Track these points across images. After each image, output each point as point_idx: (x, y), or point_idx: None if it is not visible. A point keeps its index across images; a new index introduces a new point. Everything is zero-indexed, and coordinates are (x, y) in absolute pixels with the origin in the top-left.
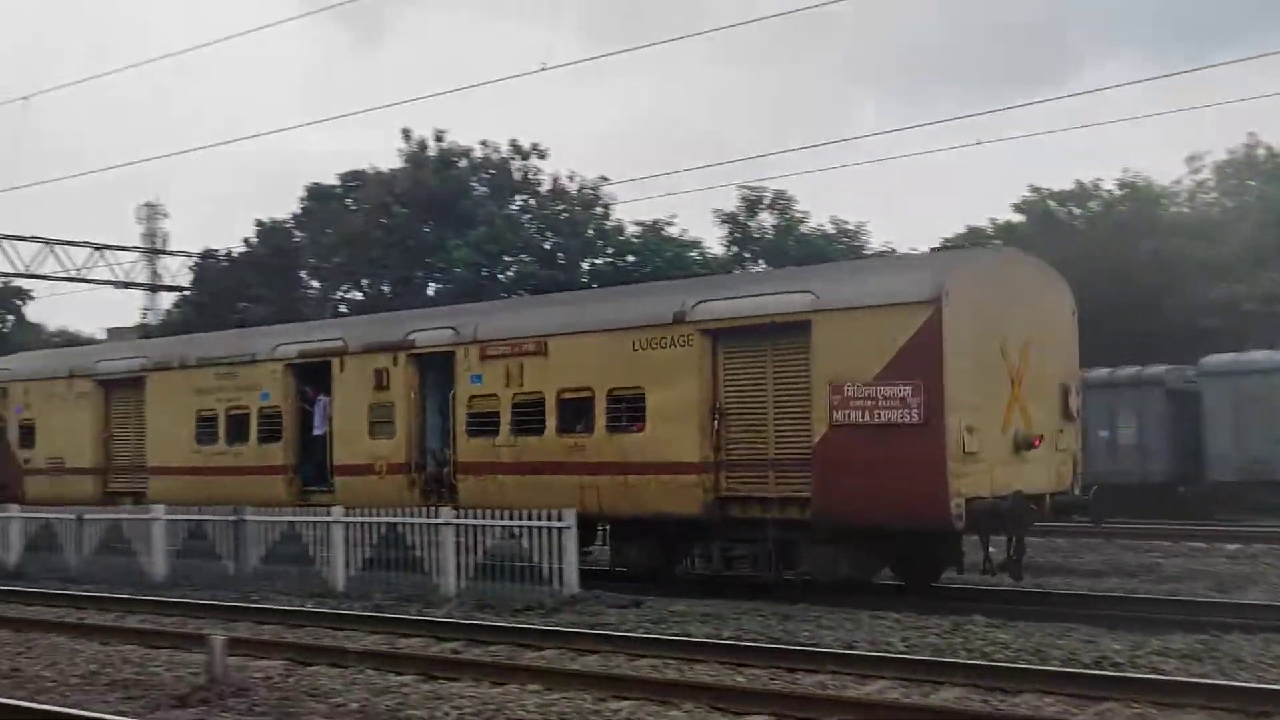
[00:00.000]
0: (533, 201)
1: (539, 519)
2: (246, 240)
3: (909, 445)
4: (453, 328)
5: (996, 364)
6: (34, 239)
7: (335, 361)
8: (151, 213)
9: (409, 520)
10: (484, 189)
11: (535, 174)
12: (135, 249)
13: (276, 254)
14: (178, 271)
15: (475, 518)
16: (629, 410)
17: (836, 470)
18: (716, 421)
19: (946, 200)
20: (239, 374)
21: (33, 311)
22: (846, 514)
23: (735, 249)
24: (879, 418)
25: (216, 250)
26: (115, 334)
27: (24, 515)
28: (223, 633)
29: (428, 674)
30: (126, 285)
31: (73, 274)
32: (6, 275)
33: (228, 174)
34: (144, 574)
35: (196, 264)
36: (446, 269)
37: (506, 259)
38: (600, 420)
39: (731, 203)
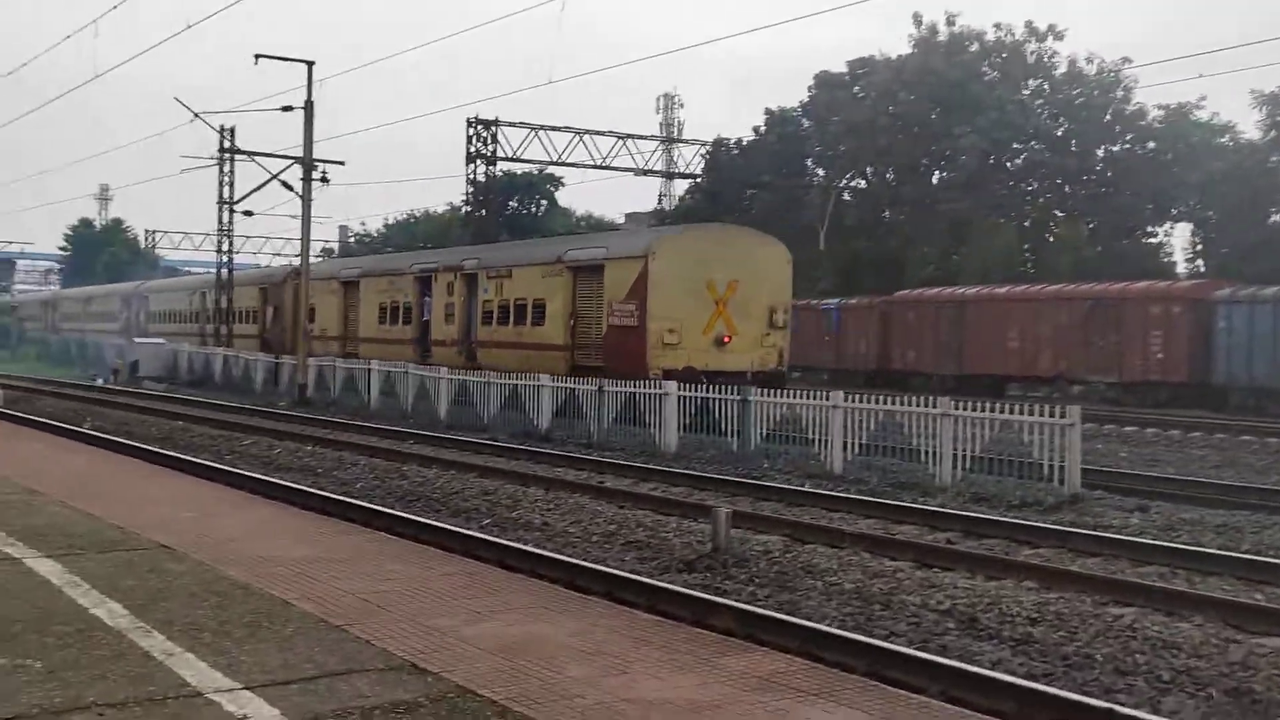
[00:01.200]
0: (1046, 86)
1: (1041, 415)
2: (756, 129)
3: (633, 339)
4: (477, 259)
5: (702, 293)
6: (566, 129)
7: (432, 275)
8: (669, 103)
9: (906, 409)
10: (995, 74)
11: (1050, 57)
12: (654, 138)
13: (784, 142)
14: (691, 160)
15: (973, 410)
16: (539, 313)
17: (610, 351)
18: (573, 321)
19: None
20: (395, 281)
21: (563, 197)
22: (616, 375)
23: (1275, 133)
24: (624, 322)
25: (727, 139)
26: (632, 219)
27: (552, 385)
28: (726, 506)
29: (921, 561)
30: (645, 173)
31: (599, 162)
32: (541, 163)
33: (740, 65)
34: (656, 445)
35: (708, 152)
36: (953, 156)
37: (1016, 146)
38: (529, 318)
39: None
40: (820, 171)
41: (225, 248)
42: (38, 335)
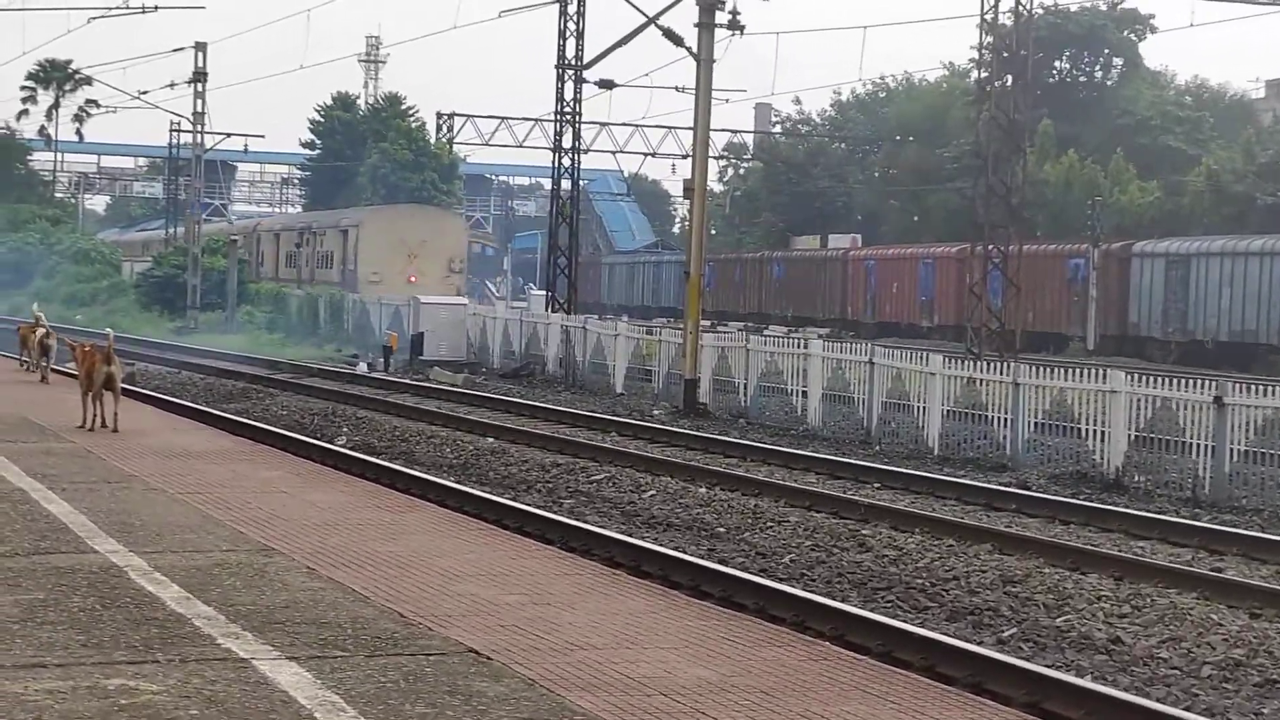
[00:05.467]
0: None
1: None
2: None
3: (350, 277)
4: (313, 222)
5: (399, 248)
6: None
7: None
8: None
9: None
10: None
11: None
12: None
13: None
14: None
15: None
16: (331, 258)
17: (349, 284)
18: (343, 264)
19: None
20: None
21: (1153, 51)
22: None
23: None
24: (350, 267)
25: None
26: (1275, 87)
27: (1131, 391)
28: None
29: None
30: None
31: None
32: None
33: None
34: None
35: None
36: None
37: None
38: (328, 261)
39: None
40: None
41: (569, 143)
42: (272, 289)
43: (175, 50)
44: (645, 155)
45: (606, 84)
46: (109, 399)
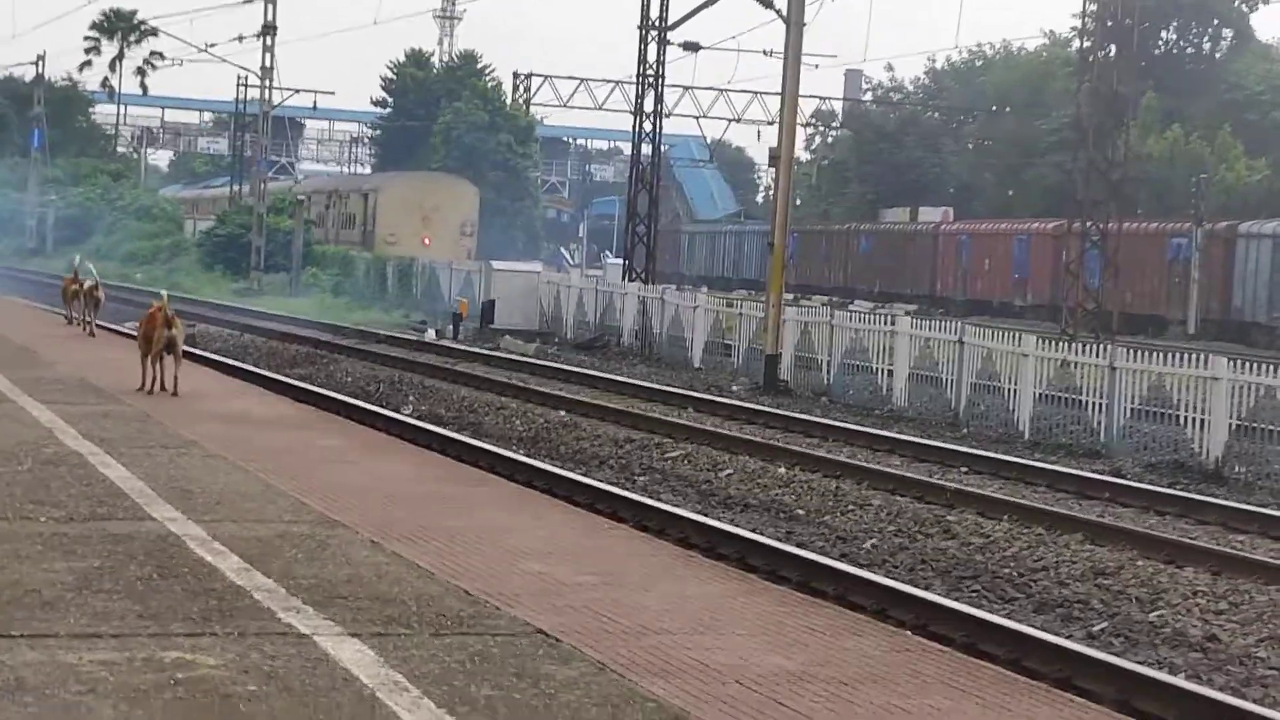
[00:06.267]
0: None
1: None
2: None
3: (369, 238)
4: (337, 187)
5: (414, 211)
6: None
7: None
8: None
9: None
10: None
11: None
12: None
13: None
14: None
15: None
16: (353, 219)
17: (368, 243)
18: (363, 225)
19: None
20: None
21: (1266, 22)
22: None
23: None
24: (370, 228)
25: None
26: None
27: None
28: None
29: None
30: None
31: None
32: None
33: None
34: None
35: None
36: None
37: None
38: (352, 223)
39: None
40: None
41: (651, 106)
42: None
43: (244, 2)
44: (729, 121)
45: (691, 46)
46: (169, 362)
